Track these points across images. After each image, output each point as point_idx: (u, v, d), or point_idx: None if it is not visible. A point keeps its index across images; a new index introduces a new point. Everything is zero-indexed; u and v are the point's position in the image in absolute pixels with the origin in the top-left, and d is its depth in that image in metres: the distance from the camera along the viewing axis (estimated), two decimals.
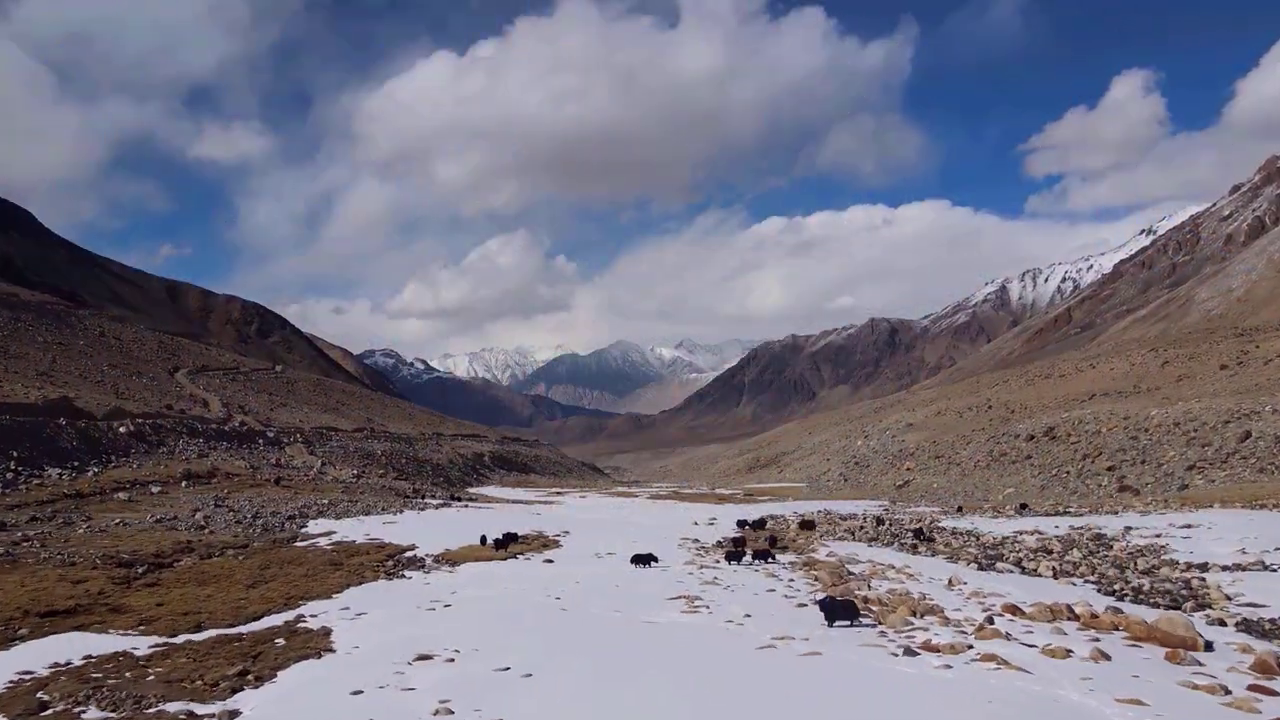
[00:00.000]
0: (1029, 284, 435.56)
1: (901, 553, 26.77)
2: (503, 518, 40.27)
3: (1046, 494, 53.39)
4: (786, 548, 29.05)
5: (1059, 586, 19.34)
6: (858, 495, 70.25)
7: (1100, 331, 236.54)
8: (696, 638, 14.81)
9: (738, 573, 23.72)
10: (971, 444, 73.07)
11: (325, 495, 45.16)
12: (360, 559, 26.14)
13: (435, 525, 35.41)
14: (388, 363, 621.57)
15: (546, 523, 38.99)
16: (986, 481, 61.65)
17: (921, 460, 76.37)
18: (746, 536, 32.41)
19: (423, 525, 35.40)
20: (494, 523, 36.24)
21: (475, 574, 23.68)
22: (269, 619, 16.57)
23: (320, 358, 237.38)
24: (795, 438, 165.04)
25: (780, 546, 28.98)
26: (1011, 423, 74.87)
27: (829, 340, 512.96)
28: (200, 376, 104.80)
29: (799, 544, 30.75)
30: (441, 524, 35.86)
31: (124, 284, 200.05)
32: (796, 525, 37.52)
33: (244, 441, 65.72)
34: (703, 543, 32.53)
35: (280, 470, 55.47)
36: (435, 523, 36.34)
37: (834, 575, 21.21)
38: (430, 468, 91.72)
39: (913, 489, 68.84)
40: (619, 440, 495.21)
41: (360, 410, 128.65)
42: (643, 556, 25.20)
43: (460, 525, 35.01)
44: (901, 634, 14.80)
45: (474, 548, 29.07)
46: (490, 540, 28.99)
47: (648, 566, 24.72)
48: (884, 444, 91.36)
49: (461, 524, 35.64)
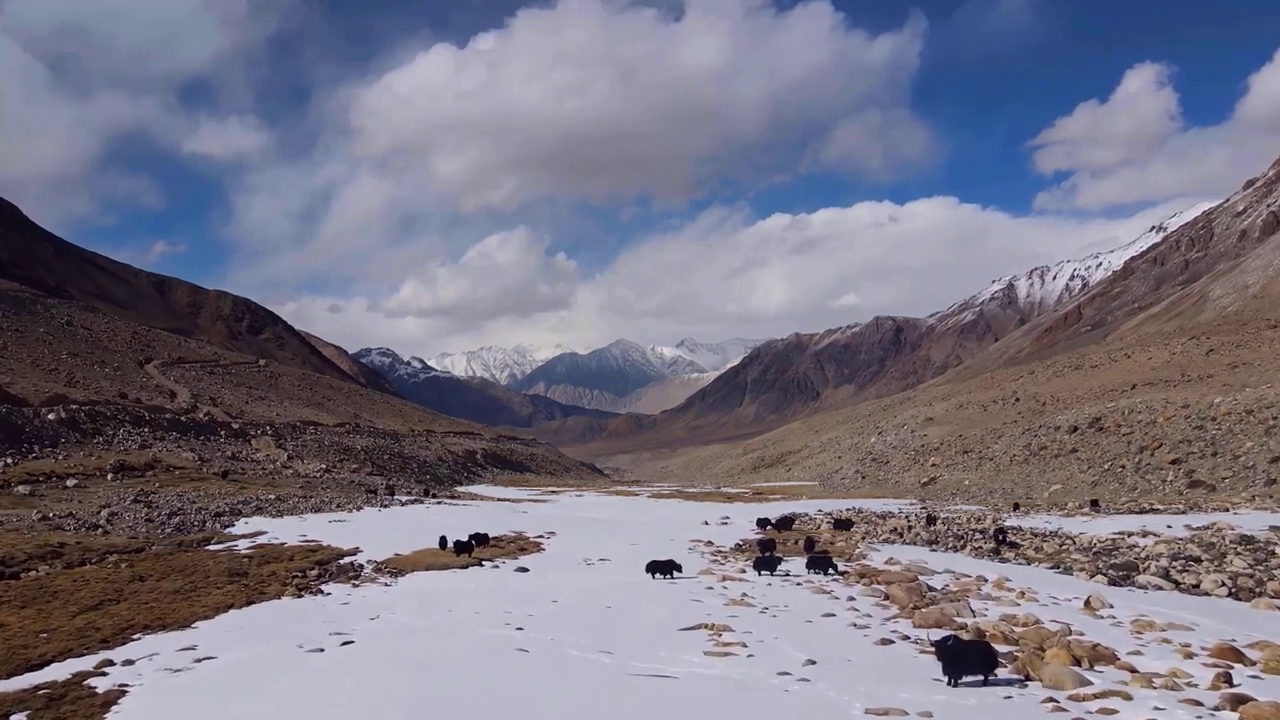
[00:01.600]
0: (1037, 282, 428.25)
1: (981, 559, 20.71)
2: (480, 516, 34.21)
3: (1100, 490, 47.24)
4: (828, 553, 23.02)
5: (1262, 613, 13.27)
6: (880, 493, 64.19)
7: (1111, 329, 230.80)
8: (738, 710, 8.72)
9: (772, 587, 17.65)
10: (1004, 438, 66.91)
11: (278, 490, 39.18)
12: (276, 567, 20.07)
13: (393, 525, 29.33)
14: (384, 362, 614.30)
15: (531, 522, 32.92)
16: (1027, 477, 55.50)
17: (948, 455, 70.23)
18: (774, 538, 26.25)
19: (377, 524, 29.34)
20: (467, 521, 30.23)
21: (418, 589, 17.62)
22: (54, 668, 10.57)
23: (313, 355, 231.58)
24: (801, 437, 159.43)
25: (820, 551, 22.92)
26: (1046, 415, 68.69)
27: (833, 339, 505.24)
28: (174, 368, 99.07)
29: (839, 547, 24.65)
30: (402, 523, 29.77)
31: (111, 279, 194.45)
32: (829, 525, 31.42)
33: (204, 433, 59.75)
34: (718, 546, 26.47)
35: (235, 463, 49.46)
36: (394, 522, 30.26)
37: (911, 592, 15.11)
38: (416, 464, 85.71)
39: (940, 486, 62.75)
40: (619, 440, 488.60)
41: (347, 406, 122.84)
42: (662, 564, 19.18)
43: (424, 525, 28.92)
44: (1084, 703, 8.70)
45: (430, 552, 22.99)
46: (451, 543, 22.88)
47: (670, 578, 18.65)
48: (903, 439, 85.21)
49: (427, 523, 29.55)
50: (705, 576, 19.21)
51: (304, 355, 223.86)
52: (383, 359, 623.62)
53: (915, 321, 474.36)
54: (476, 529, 26.12)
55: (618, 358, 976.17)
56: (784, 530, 30.21)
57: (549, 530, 29.98)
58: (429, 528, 28.25)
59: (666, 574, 18.89)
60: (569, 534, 29.29)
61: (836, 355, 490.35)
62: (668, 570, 18.97)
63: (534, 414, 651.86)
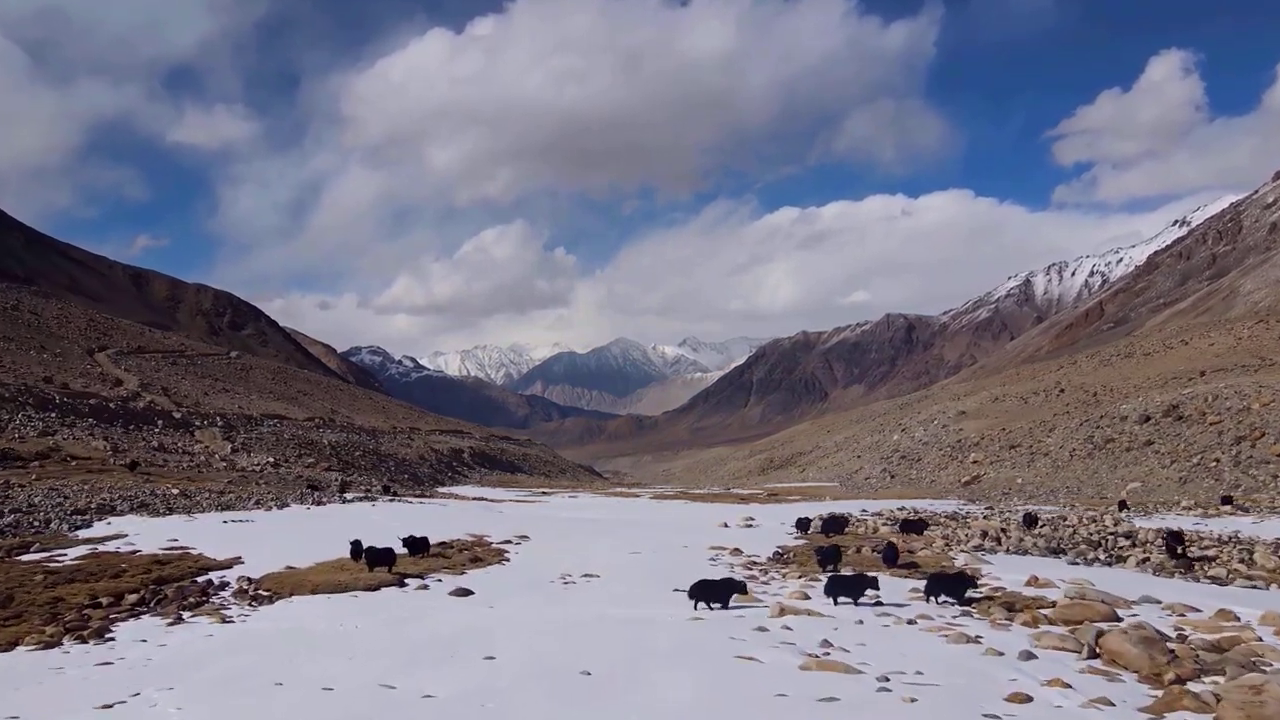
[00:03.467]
0: (1055, 278, 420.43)
1: (1167, 579, 13.91)
2: (442, 516, 27.38)
3: (1192, 487, 40.50)
4: (962, 573, 16.13)
5: None
6: (914, 493, 57.35)
7: (1135, 326, 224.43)
8: None
9: (866, 626, 10.77)
10: (1057, 430, 60.02)
11: (197, 484, 32.39)
12: (75, 589, 13.20)
13: (310, 527, 22.49)
14: (374, 360, 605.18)
15: (503, 523, 26.08)
16: (1094, 473, 48.64)
17: (991, 451, 63.33)
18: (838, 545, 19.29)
19: (289, 527, 22.51)
20: (419, 523, 23.42)
21: (275, 629, 10.79)
22: None
23: (298, 352, 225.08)
24: (811, 437, 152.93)
25: (909, 564, 16.06)
26: (1104, 405, 61.83)
27: (842, 337, 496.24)
28: (130, 357, 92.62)
29: (925, 557, 17.76)
30: (325, 525, 22.90)
31: (85, 271, 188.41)
32: (890, 527, 24.55)
33: (137, 422, 53.04)
34: (751, 556, 19.61)
35: (163, 455, 42.69)
36: (315, 524, 23.41)
37: (1152, 651, 8.18)
38: (393, 463, 78.83)
39: (986, 484, 55.88)
40: (619, 442, 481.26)
41: (323, 401, 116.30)
42: (715, 587, 12.50)
43: (355, 528, 22.02)
44: None
45: (334, 565, 16.12)
46: (364, 552, 15.95)
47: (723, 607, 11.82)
48: (935, 435, 78.32)
49: (361, 526, 22.68)
50: (752, 606, 12.29)
51: (288, 352, 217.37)
52: (373, 358, 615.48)
53: (928, 319, 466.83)
54: (427, 532, 19.32)
55: (618, 357, 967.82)
56: (834, 533, 23.29)
57: (521, 534, 23.09)
58: (358, 532, 21.39)
59: (721, 602, 12.05)
60: (547, 538, 22.43)
61: (846, 354, 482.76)
62: (724, 595, 12.10)
63: (530, 415, 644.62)
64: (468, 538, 21.90)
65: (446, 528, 23.22)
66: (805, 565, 17.33)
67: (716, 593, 12.25)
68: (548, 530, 24.64)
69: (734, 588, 12.41)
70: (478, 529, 23.76)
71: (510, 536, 22.54)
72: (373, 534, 19.67)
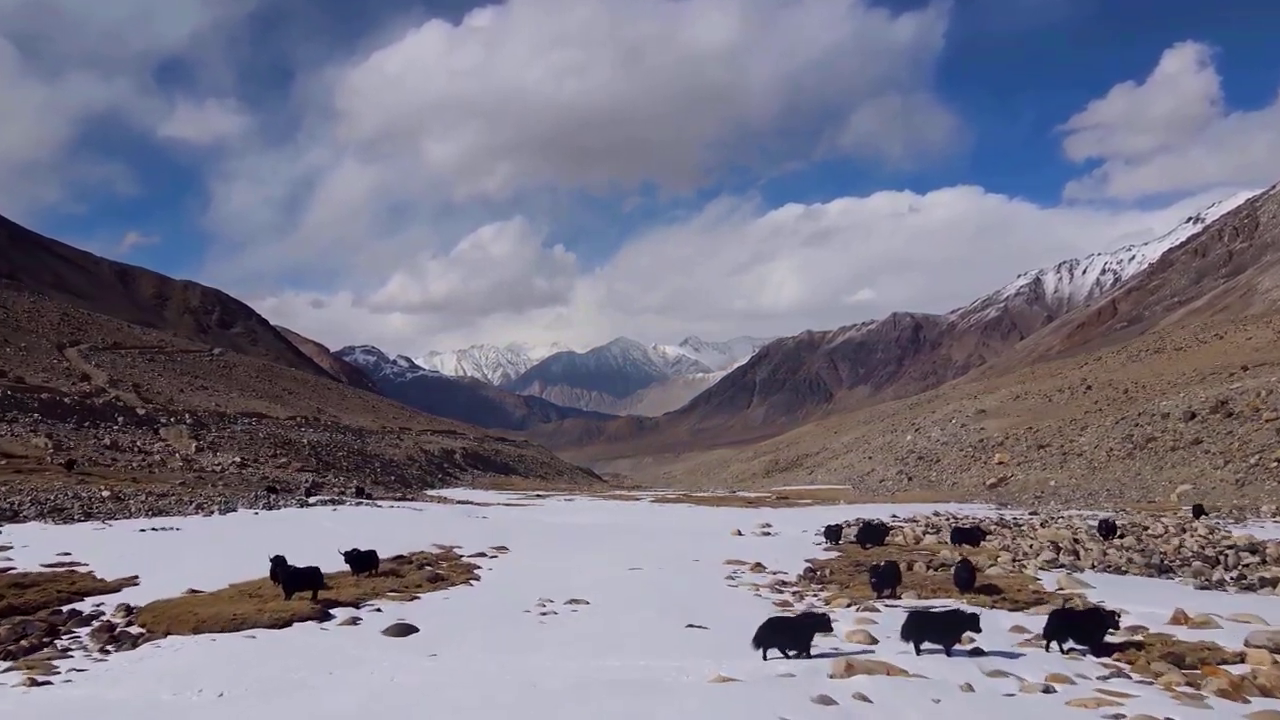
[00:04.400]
0: (1065, 276, 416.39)
1: None
2: (413, 523, 23.94)
3: (1251, 490, 37.03)
4: (996, 589, 12.66)
5: None
6: (936, 496, 53.96)
7: (1150, 325, 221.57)
8: None
9: (978, 694, 7.25)
10: (1090, 429, 56.55)
11: (141, 485, 29.00)
12: None
13: (244, 537, 19.04)
14: (368, 360, 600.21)
15: (484, 531, 22.67)
16: (1136, 474, 45.15)
17: (1018, 452, 59.86)
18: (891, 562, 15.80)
19: (219, 537, 19.07)
20: (381, 532, 20.08)
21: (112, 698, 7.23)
22: None
23: (289, 351, 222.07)
24: (817, 439, 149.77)
25: (985, 586, 12.62)
26: (1140, 402, 58.36)
27: (847, 337, 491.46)
28: (104, 353, 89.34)
29: (998, 578, 14.28)
30: (262, 535, 19.45)
31: (70, 268, 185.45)
32: (931, 535, 21.09)
33: (97, 419, 49.62)
34: (778, 574, 16.17)
35: (115, 453, 39.31)
36: (252, 532, 19.98)
37: None
38: (379, 464, 75.46)
39: (1015, 487, 52.44)
40: (619, 444, 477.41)
41: (309, 400, 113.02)
42: (791, 626, 9.38)
43: (298, 538, 18.68)
44: None
45: (249, 590, 12.64)
46: (283, 572, 12.44)
47: (800, 654, 8.70)
48: (954, 435, 74.88)
49: (307, 535, 19.33)
50: (802, 656, 8.82)
51: (278, 351, 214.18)
52: (367, 357, 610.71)
53: (935, 318, 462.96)
54: (390, 542, 15.93)
55: (617, 357, 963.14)
56: (871, 544, 19.82)
57: (500, 545, 19.64)
58: (304, 542, 17.98)
59: (801, 648, 8.67)
60: (530, 550, 19.00)
61: (851, 354, 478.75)
62: (805, 638, 8.80)
63: (528, 416, 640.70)
64: (434, 550, 18.46)
65: (412, 538, 19.80)
66: (852, 588, 13.86)
67: (795, 635, 8.84)
68: (532, 539, 21.19)
69: (816, 625, 8.96)
70: (449, 538, 20.30)
71: (486, 548, 19.11)
72: (318, 547, 16.25)
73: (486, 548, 19.19)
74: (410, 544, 18.77)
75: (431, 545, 18.92)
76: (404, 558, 16.59)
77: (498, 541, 20.26)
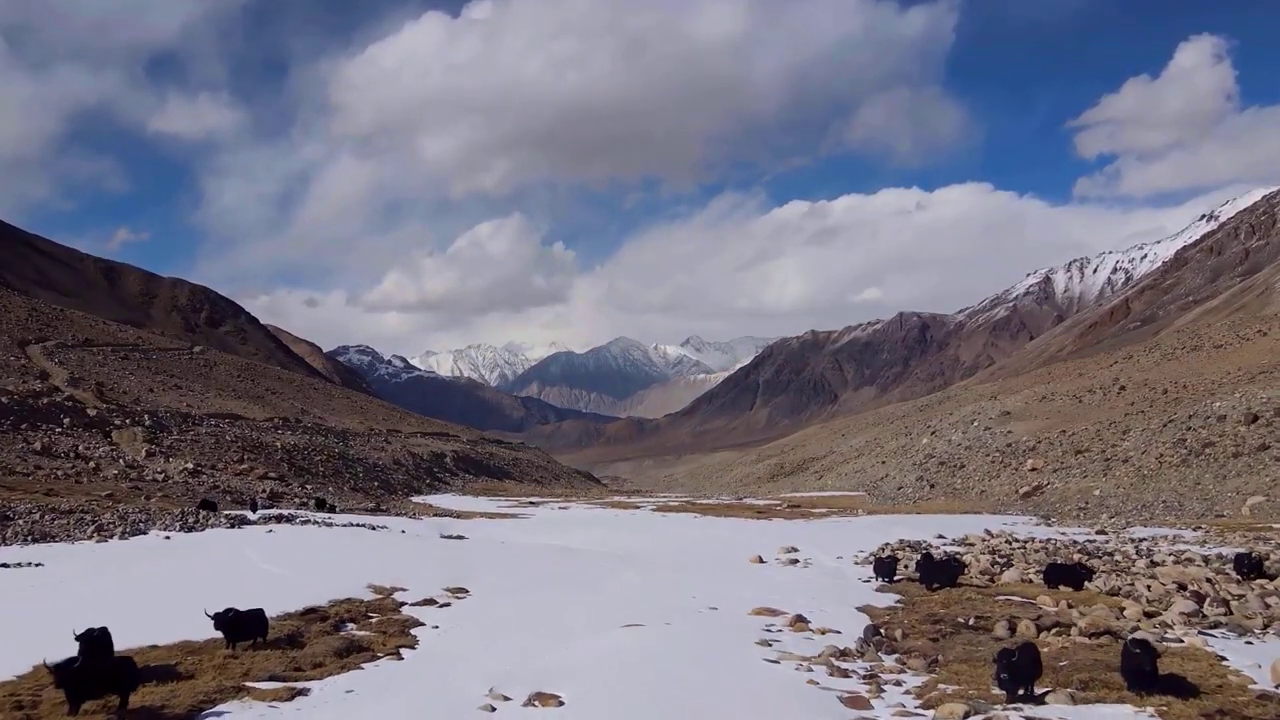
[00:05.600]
0: (1076, 275, 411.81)
1: None
2: (350, 553, 19.72)
3: None
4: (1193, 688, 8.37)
5: None
6: (963, 506, 49.94)
7: (1164, 324, 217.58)
8: None
9: None
10: (1133, 432, 52.32)
11: (51, 499, 24.79)
12: None
13: (120, 579, 14.87)
14: (362, 360, 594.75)
15: (442, 562, 18.45)
16: (1196, 484, 40.94)
17: (1053, 457, 55.65)
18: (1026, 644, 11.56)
19: (82, 575, 14.86)
20: (311, 564, 15.91)
21: None
22: None
23: (279, 350, 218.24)
24: (824, 441, 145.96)
25: (1167, 678, 8.38)
26: (1188, 403, 54.15)
27: (853, 336, 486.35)
28: (72, 351, 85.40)
29: (1198, 670, 9.97)
30: (149, 574, 15.33)
31: (54, 264, 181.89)
32: (1014, 572, 16.85)
33: (37, 421, 45.52)
34: (823, 630, 11.98)
35: (41, 458, 35.06)
36: (138, 570, 15.79)
37: None
38: (361, 469, 71.48)
39: (1052, 496, 48.29)
40: (619, 446, 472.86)
41: (293, 401, 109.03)
42: None
43: (200, 575, 14.57)
44: None
45: (22, 695, 8.27)
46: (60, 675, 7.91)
47: None
48: (978, 438, 70.76)
49: (212, 572, 15.20)
50: None
51: (269, 350, 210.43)
52: (361, 357, 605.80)
53: (943, 318, 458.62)
54: (319, 578, 11.70)
55: (617, 357, 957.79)
56: (939, 584, 15.54)
57: (458, 586, 15.39)
58: (195, 587, 13.80)
59: None
60: (498, 592, 14.80)
61: (856, 354, 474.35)
62: None
63: (526, 417, 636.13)
64: (368, 595, 14.21)
65: (347, 574, 15.57)
66: (949, 669, 9.61)
67: None
68: (503, 575, 16.93)
69: None
70: (395, 574, 16.03)
71: (438, 590, 14.87)
72: (220, 590, 12.00)
73: (439, 589, 14.96)
74: (341, 584, 14.54)
75: (367, 587, 14.65)
76: (316, 611, 12.33)
77: (457, 578, 16.03)
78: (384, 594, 14.35)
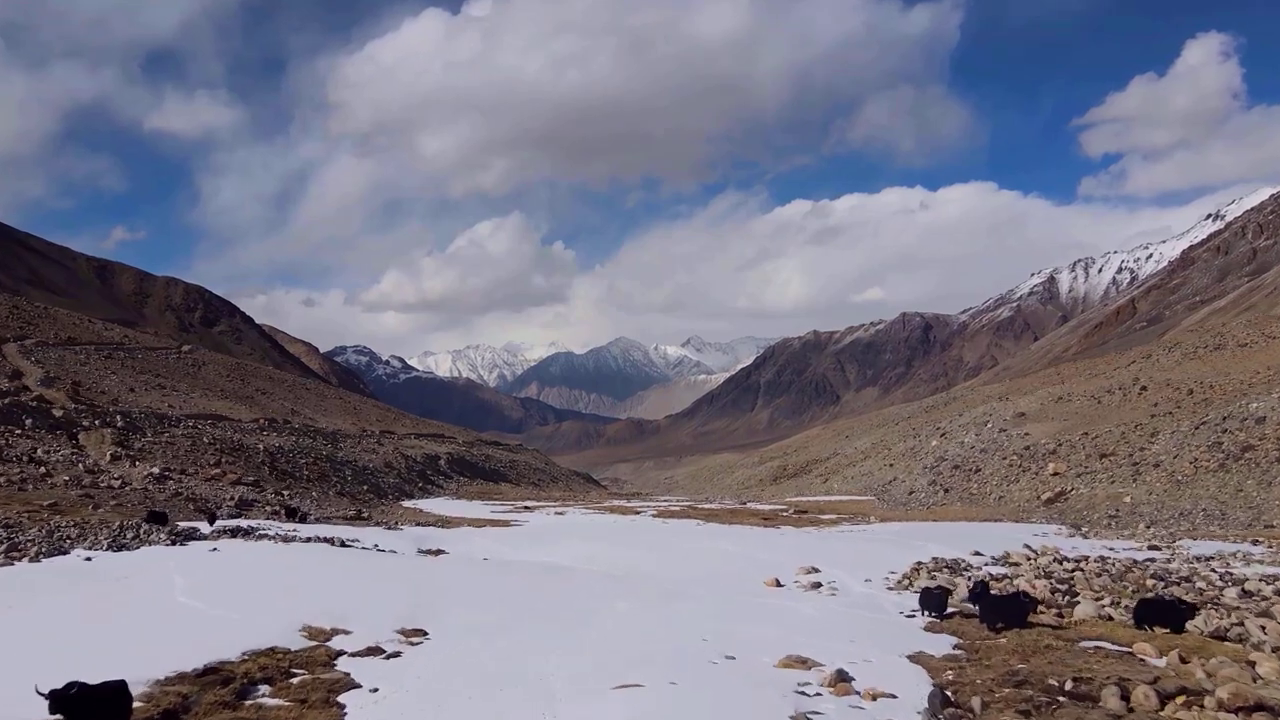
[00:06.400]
0: (1081, 275, 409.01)
1: None
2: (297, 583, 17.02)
3: None
4: None
5: None
6: (981, 514, 47.29)
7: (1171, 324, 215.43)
8: None
9: None
10: (1163, 435, 49.54)
11: None
12: None
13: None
14: (360, 360, 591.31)
15: (402, 594, 15.70)
16: (1238, 490, 38.19)
17: (1075, 461, 52.85)
18: None
19: None
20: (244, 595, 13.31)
21: None
22: None
23: (274, 350, 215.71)
24: (827, 443, 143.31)
25: None
26: (1219, 404, 51.38)
27: (855, 337, 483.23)
28: (52, 349, 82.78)
29: None
30: (37, 616, 12.52)
31: (46, 263, 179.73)
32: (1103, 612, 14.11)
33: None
34: (872, 695, 9.22)
35: None
36: (18, 616, 12.93)
37: None
38: (350, 472, 68.89)
39: (1078, 503, 45.60)
40: (618, 447, 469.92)
41: (284, 401, 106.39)
42: None
43: (102, 624, 11.76)
44: None
45: None
46: None
47: None
48: (993, 441, 67.98)
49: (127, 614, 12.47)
50: None
51: (264, 350, 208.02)
52: (359, 358, 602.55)
53: (946, 318, 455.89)
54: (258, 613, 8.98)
55: (617, 357, 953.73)
56: (1005, 624, 12.76)
57: (415, 626, 12.63)
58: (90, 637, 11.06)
59: None
60: (463, 634, 12.09)
61: (859, 355, 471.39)
62: None
63: (525, 418, 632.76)
64: (299, 639, 11.41)
65: (278, 610, 12.80)
66: None
67: None
68: (473, 608, 14.14)
69: None
70: (342, 609, 13.23)
71: (390, 632, 12.09)
72: (98, 638, 9.24)
73: (391, 631, 12.18)
74: (269, 625, 11.76)
75: (300, 631, 11.85)
76: (219, 671, 9.49)
77: (417, 613, 13.27)
78: (320, 639, 11.57)
